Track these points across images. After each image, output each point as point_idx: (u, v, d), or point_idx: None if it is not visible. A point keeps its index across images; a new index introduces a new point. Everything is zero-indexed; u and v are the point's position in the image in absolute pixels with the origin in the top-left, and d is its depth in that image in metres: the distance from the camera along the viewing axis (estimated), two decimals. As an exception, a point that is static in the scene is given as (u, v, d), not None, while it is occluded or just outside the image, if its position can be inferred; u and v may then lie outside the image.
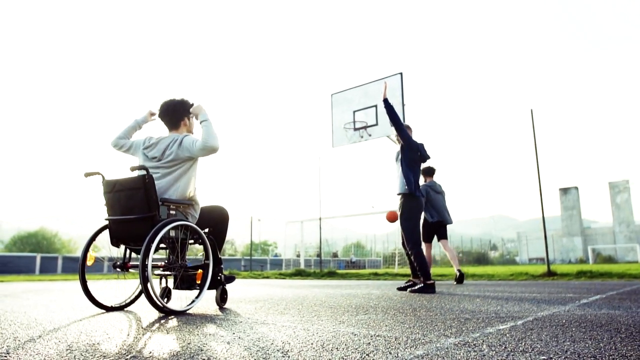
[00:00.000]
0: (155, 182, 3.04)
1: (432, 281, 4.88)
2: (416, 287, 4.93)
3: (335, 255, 34.27)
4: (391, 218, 6.74)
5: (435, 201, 7.13)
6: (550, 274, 8.77)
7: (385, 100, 5.14)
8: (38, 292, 5.65)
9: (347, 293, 5.00)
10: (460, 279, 7.00)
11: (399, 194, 5.18)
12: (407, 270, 10.69)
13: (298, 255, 19.45)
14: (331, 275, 11.63)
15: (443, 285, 6.70)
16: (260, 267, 27.73)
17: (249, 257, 24.04)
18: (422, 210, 5.22)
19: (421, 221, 6.09)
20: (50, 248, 33.65)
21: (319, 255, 17.59)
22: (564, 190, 51.51)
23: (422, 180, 7.31)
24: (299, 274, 12.16)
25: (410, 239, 5.03)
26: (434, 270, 12.53)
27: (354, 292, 5.22)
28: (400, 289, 5.27)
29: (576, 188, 51.31)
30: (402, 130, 5.17)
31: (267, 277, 11.95)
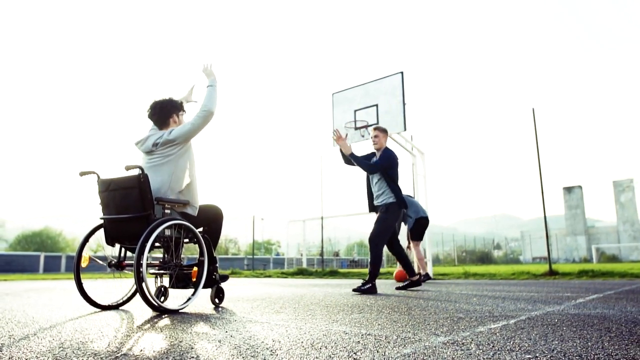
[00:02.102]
0: (148, 174, 3.12)
1: (374, 282, 4.81)
2: (364, 287, 4.77)
3: (337, 254, 34.25)
4: (400, 278, 7.51)
5: (412, 203, 7.83)
6: (551, 273, 8.76)
7: (352, 155, 5.24)
8: (39, 291, 5.70)
9: (346, 292, 5.01)
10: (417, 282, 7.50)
11: (384, 204, 5.04)
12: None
13: (301, 255, 19.47)
14: (333, 274, 11.64)
15: (443, 284, 6.71)
16: (263, 266, 27.76)
17: (252, 256, 24.09)
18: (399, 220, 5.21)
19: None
20: (54, 247, 33.78)
21: (321, 254, 17.61)
22: (568, 189, 51.33)
23: None
24: (301, 273, 12.19)
25: (381, 237, 4.92)
26: (436, 270, 12.52)
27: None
28: (399, 288, 5.27)
29: (580, 187, 51.13)
30: (380, 166, 5.10)
31: (269, 276, 11.97)
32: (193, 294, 3.11)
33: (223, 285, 3.59)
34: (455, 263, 38.56)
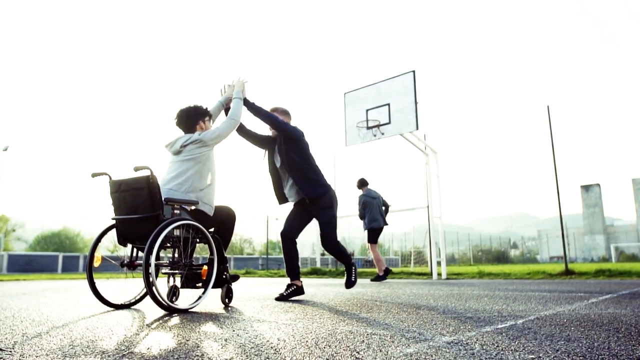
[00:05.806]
0: (173, 173, 3.31)
1: (355, 271, 4.49)
2: (353, 280, 4.49)
3: (352, 254, 34.24)
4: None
5: (371, 207, 8.12)
6: (567, 272, 8.64)
7: (245, 100, 3.98)
8: (56, 291, 5.81)
9: (357, 291, 5.02)
10: (377, 278, 7.90)
11: (314, 198, 4.21)
12: (424, 269, 10.65)
13: (315, 254, 19.50)
14: (346, 273, 11.62)
15: (456, 284, 6.67)
16: (278, 266, 27.83)
17: (266, 256, 24.19)
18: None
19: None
20: (72, 247, 34.38)
21: (335, 254, 17.61)
22: (586, 188, 50.56)
23: (358, 192, 8.39)
24: (315, 272, 12.20)
25: (333, 235, 4.35)
26: (450, 269, 12.45)
27: (364, 290, 5.23)
28: (279, 299, 4.27)
29: (598, 185, 50.31)
30: (279, 122, 4.11)
31: (283, 276, 12.01)
32: (203, 294, 3.15)
33: (234, 285, 3.65)
34: (471, 262, 38.24)
